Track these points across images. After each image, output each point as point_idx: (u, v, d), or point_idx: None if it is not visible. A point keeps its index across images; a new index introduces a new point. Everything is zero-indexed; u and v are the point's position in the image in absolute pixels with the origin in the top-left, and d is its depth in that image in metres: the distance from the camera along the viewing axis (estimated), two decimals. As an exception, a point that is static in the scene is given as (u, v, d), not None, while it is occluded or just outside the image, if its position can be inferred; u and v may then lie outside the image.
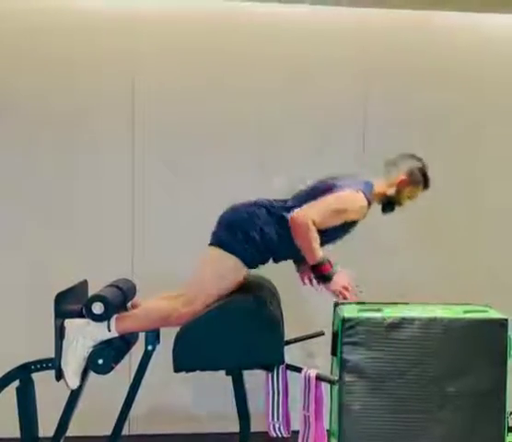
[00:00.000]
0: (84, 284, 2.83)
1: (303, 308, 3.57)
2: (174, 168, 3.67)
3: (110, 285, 2.74)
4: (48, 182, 3.59)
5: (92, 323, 2.54)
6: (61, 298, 2.52)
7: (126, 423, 2.71)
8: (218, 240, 2.63)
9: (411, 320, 2.71)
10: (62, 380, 2.56)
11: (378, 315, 2.73)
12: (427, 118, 3.82)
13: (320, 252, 2.56)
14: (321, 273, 2.56)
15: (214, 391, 3.35)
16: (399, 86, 3.81)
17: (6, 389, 2.64)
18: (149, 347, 2.64)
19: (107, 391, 3.19)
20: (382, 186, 2.80)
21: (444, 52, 3.83)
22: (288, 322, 2.78)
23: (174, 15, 3.66)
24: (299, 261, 2.81)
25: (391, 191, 2.79)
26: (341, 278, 2.60)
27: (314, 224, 2.52)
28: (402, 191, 2.79)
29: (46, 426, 2.71)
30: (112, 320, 2.57)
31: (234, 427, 2.64)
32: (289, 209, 2.63)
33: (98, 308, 2.52)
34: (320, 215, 2.54)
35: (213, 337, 2.53)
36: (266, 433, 2.64)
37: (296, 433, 2.68)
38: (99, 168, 3.63)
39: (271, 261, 2.74)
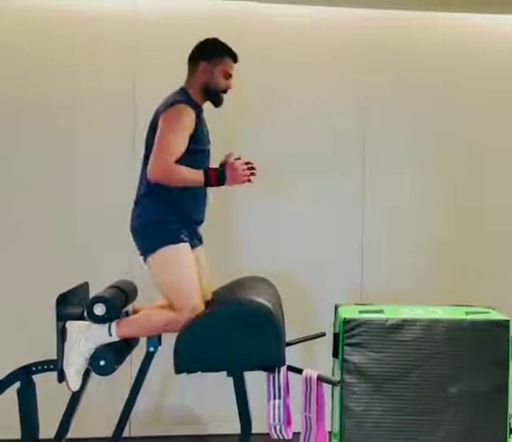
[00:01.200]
0: (85, 285, 2.82)
1: (304, 309, 3.57)
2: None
3: (112, 287, 2.74)
4: (48, 182, 3.58)
5: (94, 325, 2.54)
6: (62, 300, 2.52)
7: (127, 424, 2.71)
8: (146, 249, 2.64)
9: (412, 322, 2.71)
10: (63, 382, 2.55)
11: (379, 316, 2.73)
12: (428, 117, 3.82)
13: (196, 175, 2.58)
14: (215, 180, 2.60)
15: (215, 393, 3.34)
16: (399, 85, 3.80)
17: (8, 390, 2.64)
18: (151, 349, 2.64)
19: (108, 393, 3.19)
20: (194, 83, 2.75)
21: (445, 52, 3.83)
22: (289, 323, 2.77)
23: (175, 14, 3.65)
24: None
25: (202, 82, 2.73)
26: (232, 171, 2.61)
27: (169, 161, 2.52)
28: (209, 74, 2.73)
29: (47, 428, 2.71)
30: (113, 325, 2.56)
31: (235, 429, 2.63)
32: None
33: (99, 309, 2.52)
34: (166, 153, 2.53)
35: (214, 338, 2.52)
36: (267, 434, 2.64)
37: (297, 434, 2.68)
38: (100, 168, 3.62)
39: None
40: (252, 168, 2.66)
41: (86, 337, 2.53)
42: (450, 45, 3.82)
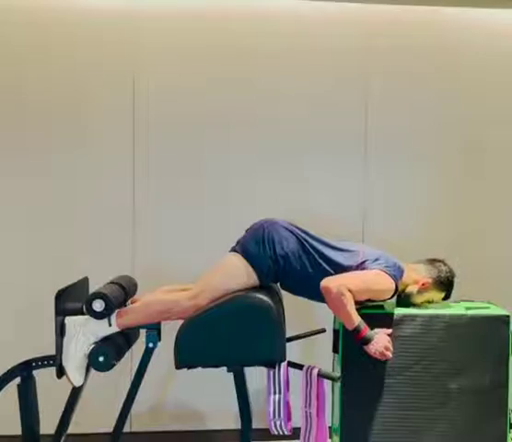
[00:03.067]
0: (84, 281, 2.82)
1: (304, 304, 3.56)
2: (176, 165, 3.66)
3: (111, 283, 2.74)
4: (48, 179, 3.58)
5: (93, 320, 2.54)
6: (61, 296, 2.52)
7: (128, 420, 2.71)
8: (244, 249, 2.67)
9: (412, 317, 2.71)
10: (63, 378, 2.55)
11: (379, 311, 2.73)
12: (429, 117, 3.81)
13: (356, 318, 2.55)
14: (360, 338, 2.56)
15: (215, 388, 3.35)
16: (401, 83, 3.79)
17: (8, 386, 2.64)
18: (150, 344, 2.63)
19: (108, 389, 3.19)
20: (408, 279, 2.78)
21: (449, 47, 3.81)
22: (290, 319, 2.77)
23: (175, 11, 3.64)
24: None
25: (413, 289, 2.78)
26: (381, 339, 2.58)
27: (349, 293, 2.54)
28: (423, 293, 2.79)
29: (47, 423, 2.71)
30: (113, 315, 2.57)
31: (235, 424, 2.64)
32: (322, 263, 2.66)
33: (98, 305, 2.52)
34: (354, 288, 2.56)
35: (214, 334, 2.52)
36: (267, 430, 2.64)
37: (297, 430, 2.68)
38: (100, 164, 3.62)
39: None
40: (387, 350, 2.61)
41: (85, 332, 2.53)
42: (452, 41, 3.81)
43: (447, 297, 2.84)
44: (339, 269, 2.66)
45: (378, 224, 3.76)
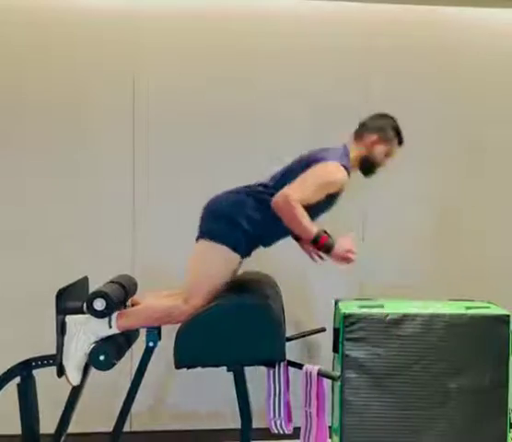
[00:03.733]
0: (85, 280, 2.82)
1: (304, 304, 3.57)
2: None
3: (111, 282, 2.74)
4: (48, 179, 3.58)
5: (93, 319, 2.54)
6: (62, 295, 2.52)
7: (127, 419, 2.71)
8: (206, 232, 2.63)
9: (412, 317, 2.71)
10: (63, 377, 2.55)
11: (379, 311, 2.74)
12: (430, 117, 3.81)
13: (312, 227, 2.54)
14: (321, 246, 2.54)
15: (215, 388, 3.34)
16: (401, 82, 3.79)
17: (8, 385, 2.64)
18: (150, 344, 2.63)
19: (108, 388, 3.19)
20: (356, 150, 2.77)
21: (449, 47, 3.81)
22: (289, 318, 2.77)
23: (175, 11, 3.64)
24: (296, 239, 2.79)
25: (366, 153, 2.76)
26: (343, 243, 2.56)
27: (298, 201, 2.50)
28: (376, 150, 2.76)
29: (47, 423, 2.71)
30: (113, 317, 2.56)
31: (235, 424, 2.64)
32: (271, 193, 2.60)
33: (99, 304, 2.52)
34: (302, 193, 2.52)
35: (214, 333, 2.52)
36: (268, 429, 2.64)
37: (297, 429, 2.68)
38: (100, 164, 3.62)
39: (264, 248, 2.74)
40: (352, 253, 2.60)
41: (85, 331, 2.53)
42: (452, 40, 3.81)
43: (400, 142, 2.81)
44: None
45: (378, 223, 3.76)
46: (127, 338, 2.69)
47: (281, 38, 3.68)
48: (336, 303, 2.96)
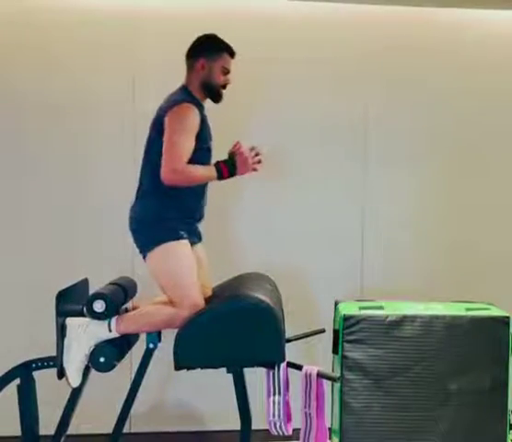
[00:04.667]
0: (85, 282, 2.82)
1: (304, 305, 3.57)
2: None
3: (111, 284, 2.74)
4: (48, 180, 3.59)
5: (93, 321, 2.54)
6: (62, 297, 2.52)
7: (127, 421, 2.71)
8: (145, 246, 2.64)
9: (412, 318, 2.71)
10: (63, 378, 2.55)
11: (379, 312, 2.73)
12: (430, 116, 3.81)
13: (209, 171, 2.63)
14: (226, 174, 2.64)
15: (214, 389, 3.34)
16: (400, 83, 3.79)
17: (8, 387, 2.64)
18: (150, 345, 2.64)
19: (108, 389, 3.18)
20: (194, 81, 2.75)
21: (446, 48, 3.82)
22: (289, 320, 2.77)
23: (175, 12, 3.65)
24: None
25: (201, 80, 2.73)
26: (241, 159, 2.64)
27: (181, 162, 2.52)
28: (210, 72, 2.74)
29: (47, 424, 2.71)
30: (113, 321, 2.56)
31: (235, 425, 2.64)
32: (152, 176, 2.64)
33: (99, 305, 2.52)
34: (178, 154, 2.53)
35: (213, 335, 2.52)
36: (267, 430, 2.64)
37: (297, 430, 2.68)
38: (100, 165, 3.62)
39: None
40: (257, 155, 2.70)
41: (85, 333, 2.53)
42: (452, 41, 3.82)
43: (229, 51, 2.79)
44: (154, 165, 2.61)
45: (378, 225, 3.76)
46: (127, 340, 2.69)
47: (280, 39, 3.68)
48: (336, 304, 2.96)
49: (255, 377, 2.69)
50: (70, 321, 2.55)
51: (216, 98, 2.79)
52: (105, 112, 3.61)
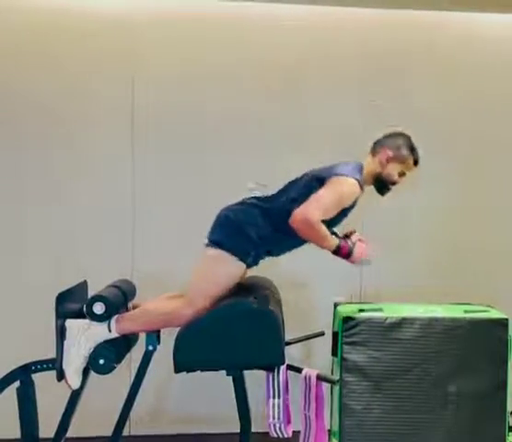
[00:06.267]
0: (84, 284, 2.82)
1: (303, 307, 3.57)
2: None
3: (111, 286, 2.74)
4: (47, 181, 3.59)
5: (93, 323, 2.54)
6: (61, 299, 2.52)
7: (127, 423, 2.71)
8: (215, 240, 2.64)
9: (411, 320, 2.71)
10: (62, 381, 2.55)
11: (378, 315, 2.74)
12: (429, 117, 3.82)
13: (332, 240, 2.58)
14: (345, 254, 2.59)
15: (214, 392, 3.34)
16: (400, 86, 3.80)
17: (7, 389, 2.64)
18: (150, 347, 2.64)
19: (107, 392, 3.18)
20: (371, 166, 2.78)
21: (446, 51, 3.83)
22: (289, 322, 2.78)
23: (174, 14, 3.66)
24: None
25: (381, 170, 2.76)
26: (359, 246, 2.61)
27: (317, 218, 2.52)
28: (389, 168, 2.76)
29: (47, 427, 2.71)
30: (113, 321, 2.57)
31: (235, 428, 2.63)
32: (279, 206, 2.64)
33: (99, 308, 2.52)
34: (320, 211, 2.54)
35: (213, 337, 2.52)
36: (267, 433, 2.64)
37: (297, 433, 2.68)
38: (100, 167, 3.63)
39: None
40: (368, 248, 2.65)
41: (85, 335, 2.53)
42: (452, 41, 3.83)
43: (416, 162, 2.79)
44: (297, 203, 2.61)
45: (377, 222, 3.76)
46: (127, 342, 2.69)
47: (279, 39, 3.70)
48: (335, 306, 2.96)
49: (255, 379, 2.69)
50: (69, 323, 2.55)
51: (383, 191, 2.81)
52: (105, 113, 3.62)
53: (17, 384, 2.64)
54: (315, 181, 2.66)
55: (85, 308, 2.55)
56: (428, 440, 2.69)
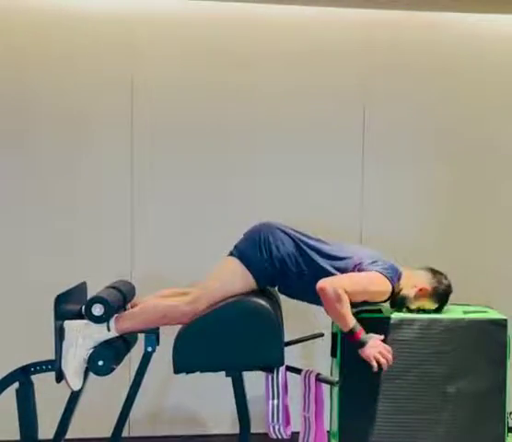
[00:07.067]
0: (83, 285, 2.82)
1: (303, 309, 3.56)
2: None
3: (110, 287, 2.74)
4: (46, 182, 3.59)
5: (92, 324, 2.54)
6: (60, 300, 2.52)
7: (126, 424, 2.71)
8: (240, 252, 2.67)
9: (410, 321, 2.71)
10: (61, 382, 2.55)
11: (378, 316, 2.74)
12: (428, 118, 3.83)
13: (352, 321, 2.53)
14: (355, 340, 2.54)
15: (213, 393, 3.35)
16: (400, 86, 3.81)
17: (6, 391, 2.63)
18: (149, 348, 2.63)
19: (107, 393, 3.18)
20: (407, 282, 2.76)
21: (445, 52, 3.84)
22: (288, 323, 2.77)
23: (173, 14, 3.66)
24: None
25: (409, 292, 2.75)
26: (375, 343, 2.54)
27: (345, 295, 2.52)
28: (418, 299, 2.76)
29: (46, 428, 2.71)
30: (112, 320, 2.57)
31: (234, 429, 2.64)
32: (312, 260, 2.66)
33: (98, 309, 2.52)
34: (350, 289, 2.54)
35: (213, 338, 2.53)
36: (266, 434, 2.64)
37: (296, 434, 2.68)
38: (98, 167, 3.62)
39: None
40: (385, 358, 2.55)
41: (84, 336, 2.53)
42: (453, 45, 3.84)
43: (438, 310, 2.79)
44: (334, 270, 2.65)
45: (377, 223, 3.77)
46: (126, 343, 2.69)
47: (279, 40, 3.70)
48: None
49: (254, 380, 2.69)
50: (68, 324, 2.55)
51: (395, 308, 2.78)
52: (103, 114, 3.62)
53: (16, 385, 2.63)
54: (355, 262, 2.67)
55: (84, 310, 2.55)
56: (428, 441, 2.69)
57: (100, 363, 2.52)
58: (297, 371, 2.65)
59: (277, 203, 3.66)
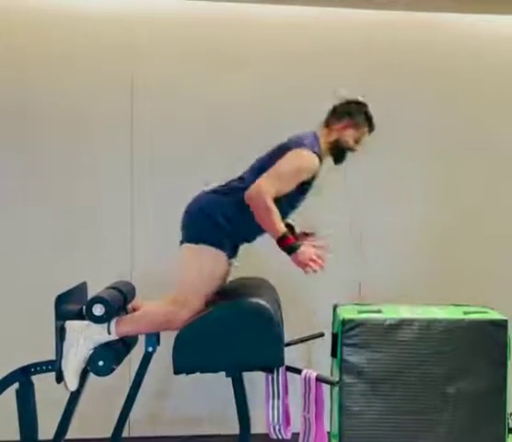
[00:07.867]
0: (83, 285, 2.82)
1: (303, 309, 3.57)
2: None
3: (110, 287, 2.74)
4: (47, 181, 3.59)
5: (92, 325, 2.54)
6: (61, 300, 2.52)
7: (126, 425, 2.71)
8: (189, 236, 2.62)
9: (410, 322, 2.72)
10: (62, 382, 2.55)
11: (377, 316, 2.74)
12: (427, 117, 3.83)
13: (281, 226, 2.51)
14: (286, 246, 2.50)
15: (214, 393, 3.35)
16: (399, 86, 3.81)
17: (6, 391, 2.63)
18: (149, 349, 2.64)
19: (107, 393, 3.18)
20: (327, 136, 2.75)
21: (444, 52, 3.84)
22: (288, 324, 2.78)
23: (173, 13, 3.66)
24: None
25: (336, 137, 2.73)
26: (307, 251, 2.52)
27: (270, 195, 2.49)
28: (345, 135, 2.74)
29: (46, 429, 2.70)
30: (112, 323, 2.56)
31: (234, 429, 2.64)
32: (246, 186, 2.59)
33: (98, 309, 2.52)
34: (274, 185, 2.51)
35: (213, 339, 2.52)
36: (266, 435, 2.64)
37: (296, 434, 2.68)
38: (98, 167, 3.62)
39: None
40: (319, 258, 2.55)
41: (84, 337, 2.53)
42: (452, 45, 3.84)
43: (371, 128, 2.77)
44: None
45: (376, 222, 3.77)
46: (126, 343, 2.69)
47: (279, 40, 3.70)
48: (335, 308, 2.97)
49: (254, 380, 2.69)
50: (69, 325, 2.55)
51: (340, 160, 2.78)
52: (103, 114, 3.62)
53: (16, 386, 2.63)
54: (273, 154, 2.64)
55: (84, 310, 2.55)
56: (428, 441, 2.69)
57: (101, 363, 2.52)
58: (297, 371, 2.65)
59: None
